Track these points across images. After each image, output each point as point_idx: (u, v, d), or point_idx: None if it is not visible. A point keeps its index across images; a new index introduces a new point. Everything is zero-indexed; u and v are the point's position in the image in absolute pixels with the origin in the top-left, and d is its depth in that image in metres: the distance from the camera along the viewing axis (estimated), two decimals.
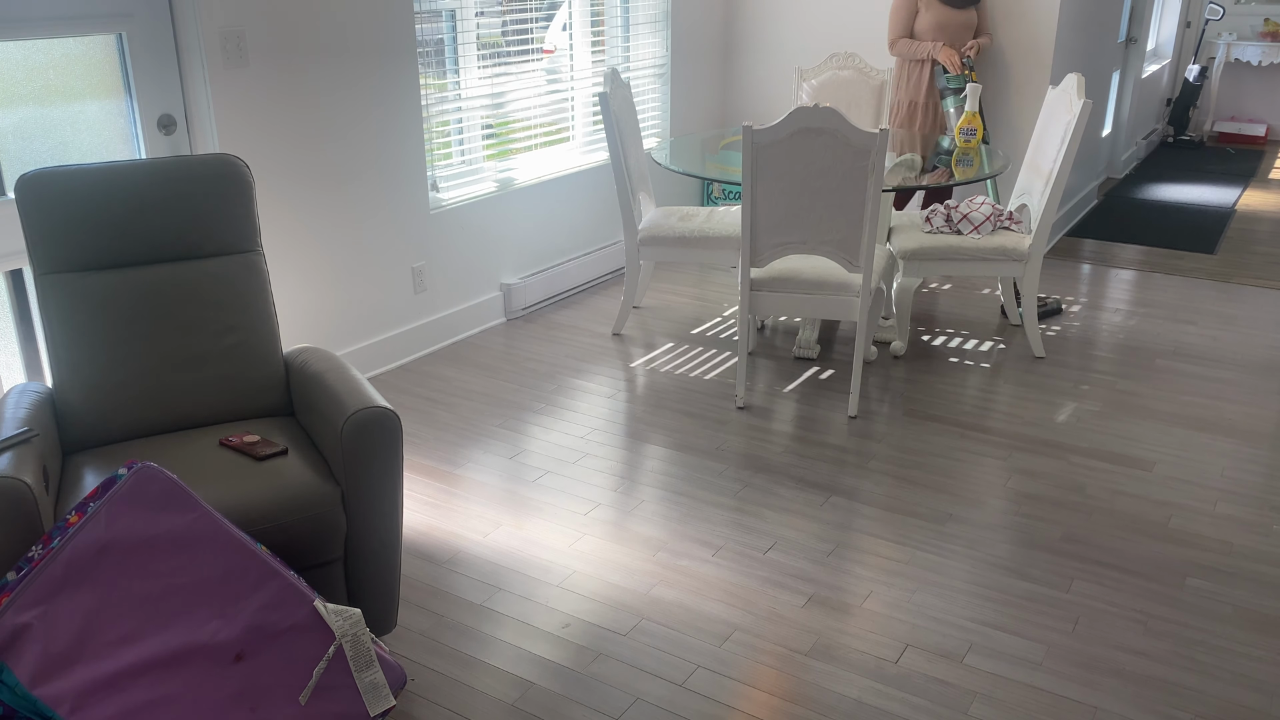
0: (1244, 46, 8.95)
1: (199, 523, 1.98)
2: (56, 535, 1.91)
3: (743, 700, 2.28)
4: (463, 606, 2.62)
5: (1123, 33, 6.94)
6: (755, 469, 3.31)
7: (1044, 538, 2.92)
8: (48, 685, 1.80)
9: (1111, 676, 2.36)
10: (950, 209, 4.12)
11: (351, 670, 2.02)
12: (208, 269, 2.61)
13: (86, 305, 2.47)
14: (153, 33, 3.18)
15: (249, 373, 2.59)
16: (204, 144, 3.33)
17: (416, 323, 4.22)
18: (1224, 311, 4.76)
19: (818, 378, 4.02)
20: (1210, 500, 3.11)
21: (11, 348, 3.07)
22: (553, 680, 2.35)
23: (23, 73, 2.92)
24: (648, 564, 2.79)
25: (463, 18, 4.18)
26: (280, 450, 2.34)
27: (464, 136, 4.33)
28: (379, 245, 3.98)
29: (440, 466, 3.33)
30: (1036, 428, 3.58)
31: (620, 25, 5.09)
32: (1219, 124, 9.09)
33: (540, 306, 4.78)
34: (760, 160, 3.41)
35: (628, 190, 4.24)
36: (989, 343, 4.35)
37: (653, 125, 5.50)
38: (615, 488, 3.20)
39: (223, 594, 1.96)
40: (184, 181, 2.58)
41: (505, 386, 3.93)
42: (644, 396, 3.85)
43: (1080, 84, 3.92)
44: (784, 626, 2.53)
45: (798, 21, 5.57)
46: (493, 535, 2.94)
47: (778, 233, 3.52)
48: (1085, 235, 6.06)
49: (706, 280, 5.19)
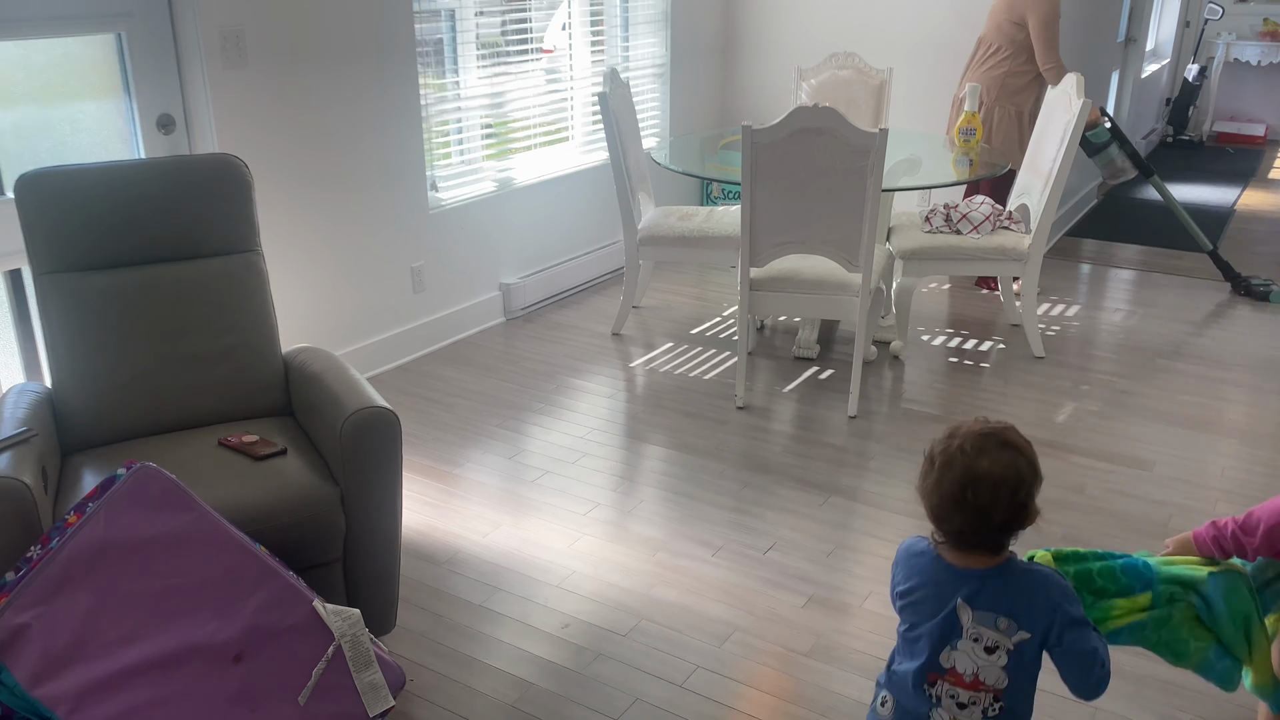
0: (1243, 46, 8.95)
1: (198, 523, 1.97)
2: (55, 535, 1.91)
3: (742, 701, 2.28)
4: (462, 607, 2.62)
5: (1122, 32, 6.94)
6: (755, 469, 3.31)
7: (1044, 538, 2.91)
8: (47, 686, 1.79)
9: (1111, 677, 2.35)
10: (950, 209, 4.12)
11: (350, 670, 2.02)
12: (207, 269, 2.60)
13: (85, 305, 2.46)
14: (152, 32, 3.18)
15: (248, 373, 2.59)
16: (203, 144, 3.33)
17: (415, 322, 4.21)
18: (1224, 312, 4.76)
19: (817, 378, 4.02)
20: (1210, 500, 3.11)
21: (10, 347, 3.07)
22: (552, 681, 2.35)
23: (22, 72, 2.92)
24: (647, 564, 2.79)
25: (462, 17, 4.18)
26: (279, 450, 2.34)
27: (463, 136, 4.32)
28: (378, 245, 3.98)
29: (439, 466, 3.33)
30: (1036, 428, 3.58)
31: (620, 25, 5.09)
32: (1218, 124, 9.09)
33: (539, 306, 4.78)
34: (760, 160, 3.41)
35: (627, 190, 4.24)
36: (989, 342, 4.35)
37: (652, 125, 5.49)
38: (615, 488, 3.20)
39: (222, 594, 1.95)
40: (183, 181, 2.58)
41: (504, 386, 3.93)
42: (643, 396, 3.85)
43: (1079, 84, 3.92)
44: (784, 627, 2.53)
45: (797, 21, 5.57)
46: (492, 535, 2.94)
47: (777, 232, 3.52)
48: (1085, 235, 6.06)
49: (706, 280, 5.19)
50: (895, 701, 1.67)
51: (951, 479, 1.54)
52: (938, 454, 1.58)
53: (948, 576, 1.60)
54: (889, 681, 1.69)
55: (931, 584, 1.62)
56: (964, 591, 1.59)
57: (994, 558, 1.60)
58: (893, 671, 1.68)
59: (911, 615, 1.64)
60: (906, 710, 1.65)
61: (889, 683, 1.69)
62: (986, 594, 1.58)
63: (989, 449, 1.55)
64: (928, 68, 5.20)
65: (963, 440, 1.56)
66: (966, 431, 1.58)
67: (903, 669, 1.65)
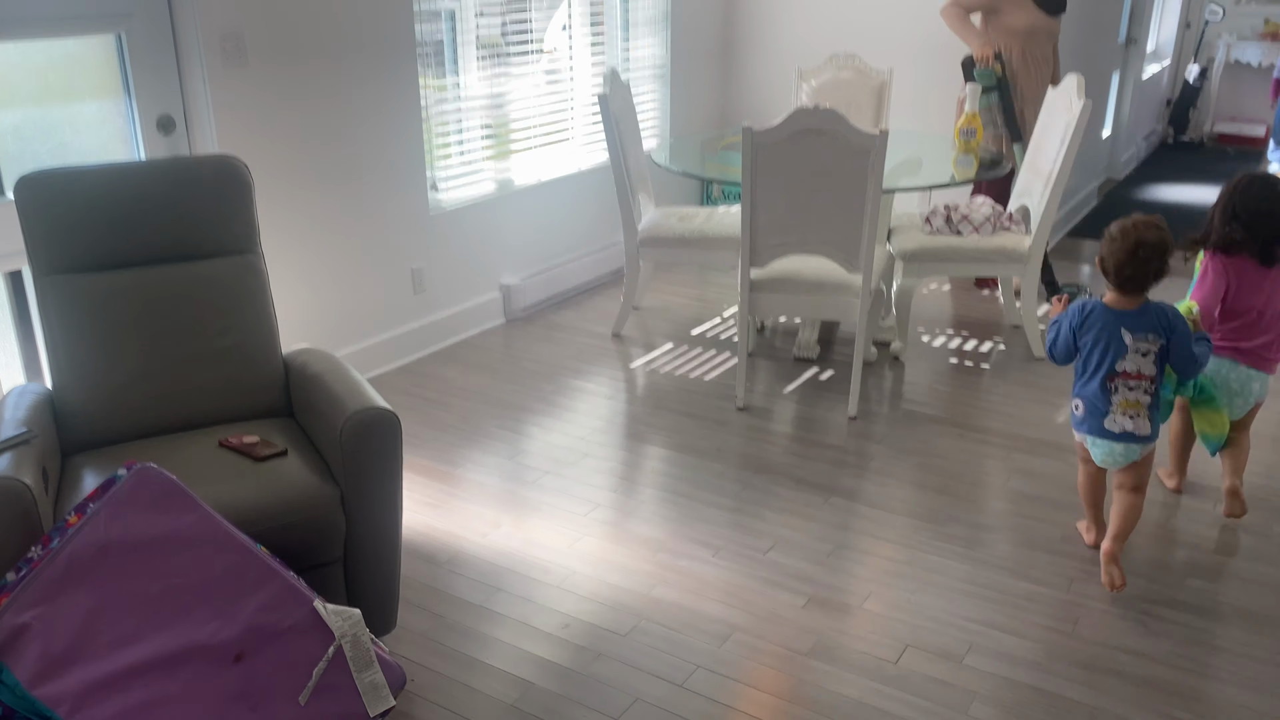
0: (1244, 47, 8.95)
1: (198, 523, 1.98)
2: (56, 536, 1.91)
3: (742, 701, 2.28)
4: (462, 607, 2.62)
5: (1123, 33, 6.94)
6: (755, 469, 3.31)
7: (1044, 538, 2.91)
8: (47, 686, 1.80)
9: (1111, 677, 2.35)
10: (950, 210, 4.12)
11: (351, 670, 2.02)
12: (207, 270, 2.60)
13: (86, 306, 2.47)
14: (152, 33, 3.18)
15: (248, 373, 2.59)
16: (203, 144, 3.33)
17: (416, 323, 4.22)
18: None
19: (817, 378, 4.02)
20: (1210, 501, 3.11)
21: (11, 349, 3.07)
22: (552, 681, 2.35)
23: (22, 73, 2.92)
24: (647, 564, 2.79)
25: (462, 18, 4.18)
26: (280, 451, 2.34)
27: (464, 137, 4.33)
28: (378, 246, 3.98)
29: (440, 467, 3.33)
30: (1036, 428, 3.58)
31: (620, 26, 5.09)
32: (1219, 125, 9.09)
33: (540, 307, 4.78)
34: (760, 161, 3.41)
35: (627, 191, 4.24)
36: (989, 343, 4.35)
37: (652, 126, 5.50)
38: (615, 488, 3.20)
39: (222, 594, 1.96)
40: (183, 182, 2.58)
41: (505, 387, 3.93)
42: (644, 397, 3.85)
43: (1080, 85, 3.92)
44: (784, 627, 2.53)
45: (797, 22, 5.57)
46: (492, 536, 2.94)
47: (777, 233, 3.52)
48: (1085, 236, 6.06)
49: (706, 281, 5.19)
50: (1086, 403, 2.65)
51: (1126, 245, 2.55)
52: (1117, 231, 2.59)
53: (1113, 316, 2.60)
54: (1080, 392, 2.66)
55: (1102, 322, 2.60)
56: (1125, 323, 2.59)
57: (1139, 299, 2.61)
58: (1082, 387, 2.65)
59: (1091, 344, 2.61)
60: (1095, 407, 2.63)
61: (1080, 393, 2.67)
62: (1138, 321, 2.59)
63: (1150, 227, 2.56)
64: (928, 68, 5.20)
65: (1134, 222, 2.58)
66: (1135, 219, 2.59)
67: (1090, 382, 2.63)
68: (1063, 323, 2.67)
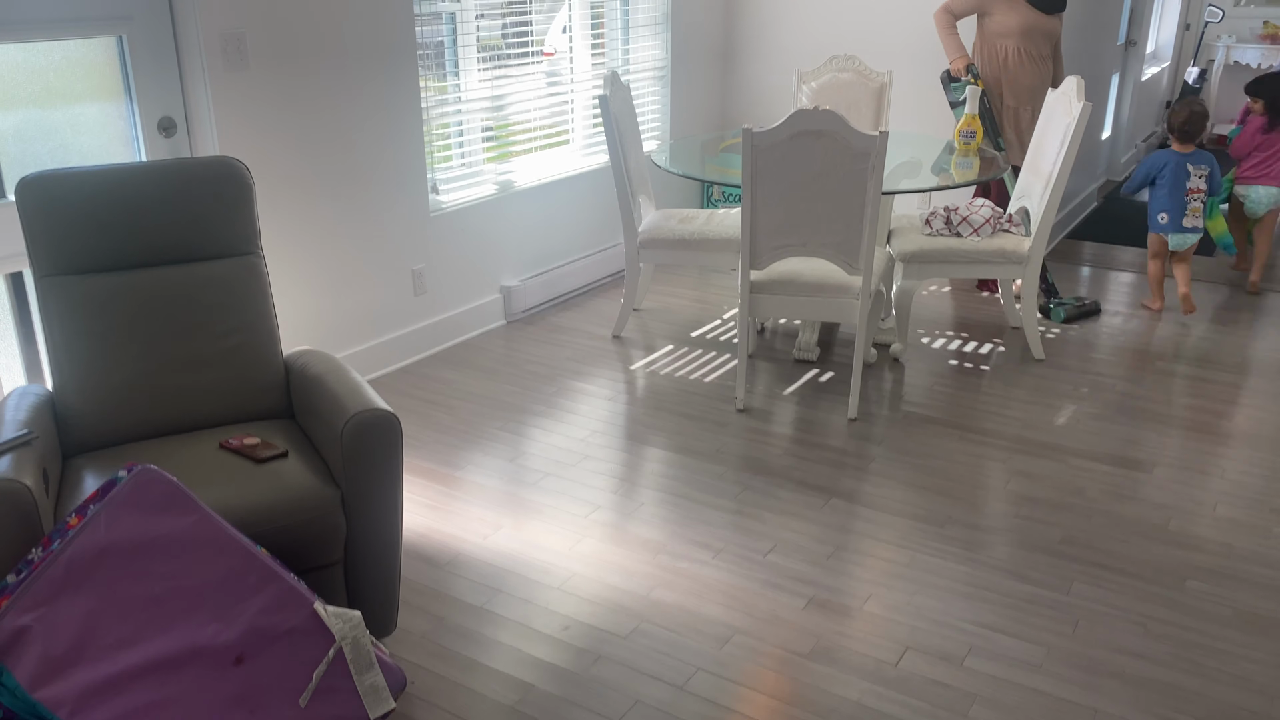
0: (1243, 49, 8.96)
1: (199, 525, 1.98)
2: (56, 538, 1.91)
3: (743, 703, 2.28)
4: (463, 609, 2.62)
5: (1122, 35, 6.94)
6: (755, 471, 3.31)
7: (1044, 540, 2.92)
8: (48, 688, 1.80)
9: (1111, 679, 2.36)
10: (950, 211, 4.12)
11: (351, 673, 2.02)
12: (208, 272, 2.61)
13: (87, 308, 2.47)
14: (153, 35, 3.18)
15: (249, 375, 2.59)
16: (204, 147, 3.33)
17: (416, 325, 4.22)
18: (1223, 315, 4.77)
19: (818, 380, 4.02)
20: (1210, 502, 3.11)
21: (12, 350, 3.07)
22: (553, 683, 2.35)
23: (23, 75, 2.93)
24: (648, 566, 2.79)
25: (463, 20, 4.19)
26: (280, 453, 2.35)
27: (464, 139, 4.33)
28: (379, 248, 3.99)
29: (440, 469, 3.33)
30: (1036, 430, 3.58)
31: (620, 28, 5.09)
32: (1218, 126, 9.09)
33: (540, 309, 4.78)
34: (760, 163, 3.41)
35: (628, 193, 4.24)
36: (989, 345, 4.35)
37: (653, 128, 5.50)
38: (615, 490, 3.20)
39: (222, 597, 1.96)
40: (184, 184, 2.58)
41: (505, 389, 3.93)
42: (644, 399, 3.85)
43: (1080, 86, 3.92)
44: (784, 629, 2.53)
45: (797, 24, 5.58)
46: (493, 538, 2.94)
47: (777, 235, 3.52)
48: (1085, 238, 6.06)
49: (706, 283, 5.19)
50: (1170, 213, 4.62)
51: (1183, 113, 4.58)
52: (1180, 106, 4.57)
53: (1178, 157, 4.62)
54: (1165, 206, 4.64)
55: (1175, 161, 4.62)
56: (1188, 160, 4.61)
57: (1191, 146, 4.63)
58: (1166, 200, 4.63)
59: (1171, 175, 4.60)
60: (1177, 213, 4.63)
61: (1165, 207, 4.64)
62: (1195, 158, 4.62)
63: (1198, 103, 4.59)
64: (928, 70, 5.20)
65: (1188, 102, 4.60)
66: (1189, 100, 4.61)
67: (1173, 198, 4.61)
68: (1140, 171, 4.71)
